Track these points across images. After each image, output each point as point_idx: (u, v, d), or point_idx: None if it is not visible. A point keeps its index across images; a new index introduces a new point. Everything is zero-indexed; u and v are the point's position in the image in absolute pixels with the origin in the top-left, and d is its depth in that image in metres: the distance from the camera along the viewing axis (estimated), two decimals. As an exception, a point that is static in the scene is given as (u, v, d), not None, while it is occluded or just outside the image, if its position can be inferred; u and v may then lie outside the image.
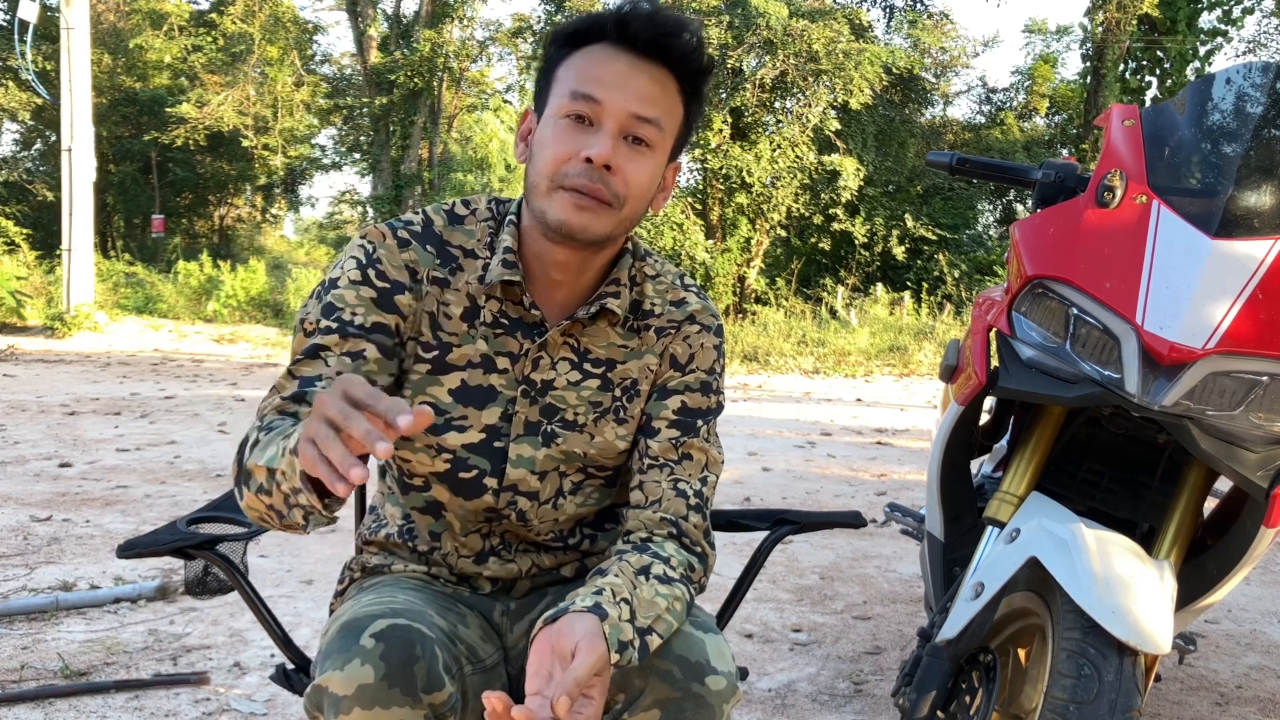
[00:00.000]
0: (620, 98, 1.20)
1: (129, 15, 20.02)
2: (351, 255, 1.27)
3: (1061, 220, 1.74)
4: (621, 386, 1.33)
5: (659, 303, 1.35)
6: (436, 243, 1.29)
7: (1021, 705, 1.75)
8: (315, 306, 1.25)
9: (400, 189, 17.13)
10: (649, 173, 1.24)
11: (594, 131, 1.20)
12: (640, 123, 1.21)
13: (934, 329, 11.93)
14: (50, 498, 4.15)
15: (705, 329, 1.36)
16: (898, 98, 15.54)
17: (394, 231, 1.28)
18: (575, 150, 1.20)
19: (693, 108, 1.28)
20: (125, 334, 11.34)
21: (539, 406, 1.30)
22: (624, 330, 1.33)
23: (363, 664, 1.07)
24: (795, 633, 2.96)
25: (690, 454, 1.32)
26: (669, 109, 1.24)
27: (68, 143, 10.84)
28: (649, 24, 1.21)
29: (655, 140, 1.23)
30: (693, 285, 1.39)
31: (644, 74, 1.22)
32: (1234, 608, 3.37)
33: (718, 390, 1.36)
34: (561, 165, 1.20)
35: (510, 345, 1.29)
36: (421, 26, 16.83)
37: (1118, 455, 1.94)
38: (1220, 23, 16.42)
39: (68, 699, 2.29)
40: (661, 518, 1.27)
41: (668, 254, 13.84)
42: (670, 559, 1.23)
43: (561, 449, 1.32)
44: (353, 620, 1.13)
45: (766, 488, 4.90)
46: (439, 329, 1.28)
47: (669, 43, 1.22)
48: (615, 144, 1.20)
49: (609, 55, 1.22)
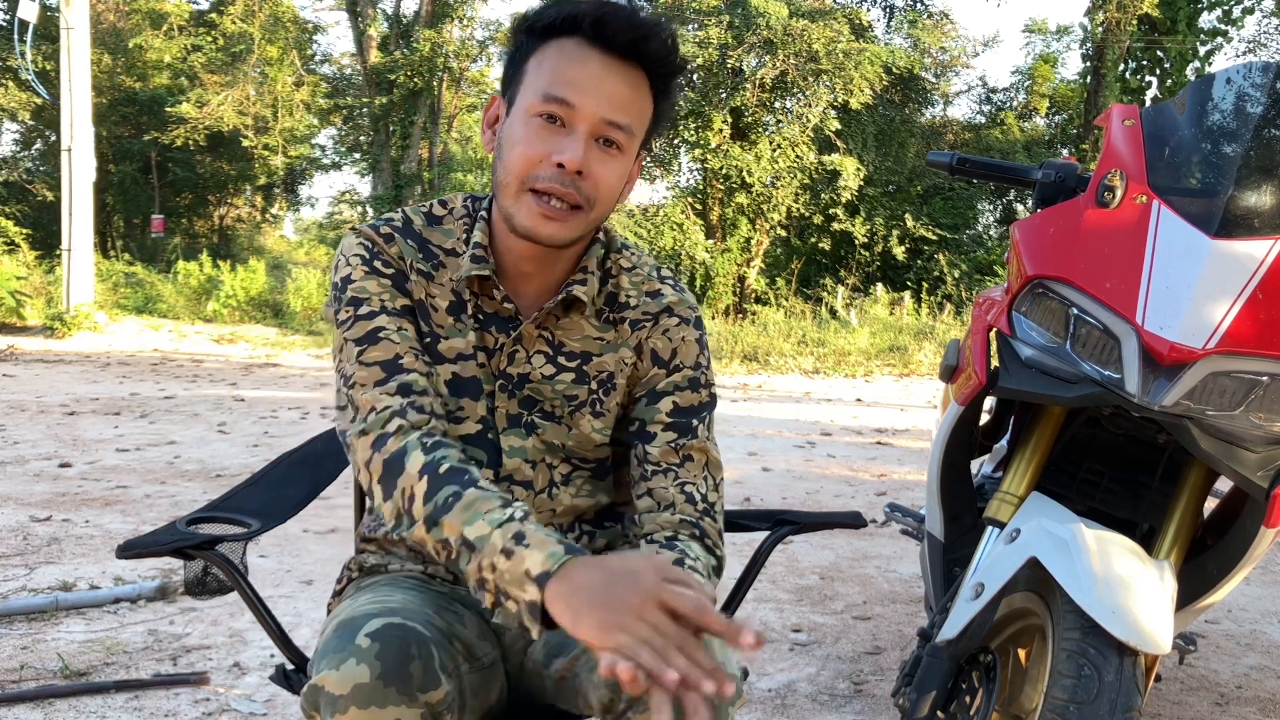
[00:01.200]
0: (594, 102, 1.19)
1: (129, 15, 20.01)
2: (355, 254, 1.28)
3: (1062, 220, 1.74)
4: (598, 380, 1.33)
5: (634, 294, 1.35)
6: (418, 240, 1.31)
7: (1021, 705, 1.75)
8: (340, 303, 1.27)
9: (400, 189, 17.13)
10: (619, 174, 1.24)
11: (566, 134, 1.20)
12: (612, 128, 1.21)
13: (934, 329, 11.93)
14: (50, 498, 4.15)
15: (683, 321, 1.35)
16: (898, 98, 15.53)
17: (377, 230, 1.30)
18: (546, 153, 1.19)
19: (663, 105, 1.27)
20: (125, 334, 11.34)
21: (517, 399, 1.32)
22: (599, 322, 1.34)
23: (358, 663, 1.07)
24: (795, 633, 2.96)
25: (691, 455, 1.31)
26: (639, 112, 1.24)
27: (68, 143, 10.84)
28: (626, 25, 1.19)
29: (626, 143, 1.23)
30: (669, 277, 1.38)
31: (618, 76, 1.21)
32: (1234, 608, 3.37)
33: (707, 384, 1.35)
34: (532, 167, 1.20)
35: (487, 340, 1.31)
36: (421, 26, 16.83)
37: (1118, 455, 1.93)
38: (1220, 23, 16.42)
39: (68, 699, 2.29)
40: (681, 519, 1.27)
41: (668, 254, 13.84)
42: (698, 560, 1.23)
43: (543, 439, 1.33)
44: (349, 620, 1.13)
45: (766, 488, 4.90)
46: (429, 319, 1.29)
47: (645, 46, 1.21)
48: (587, 148, 1.20)
49: (583, 54, 1.20)
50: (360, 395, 1.21)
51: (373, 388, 1.21)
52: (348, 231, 1.32)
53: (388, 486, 1.16)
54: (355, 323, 1.24)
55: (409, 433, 1.18)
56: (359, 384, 1.21)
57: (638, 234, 13.86)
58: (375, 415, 1.19)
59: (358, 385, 1.21)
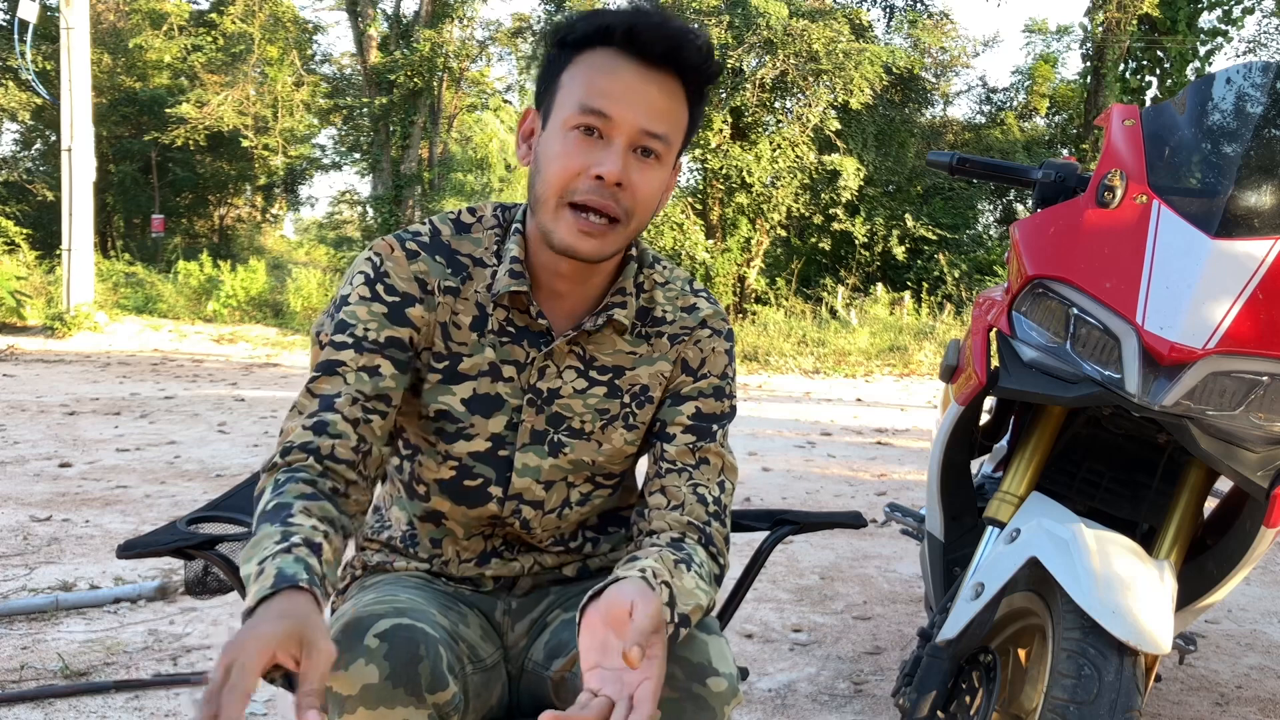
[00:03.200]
0: (631, 113, 1.18)
1: (129, 15, 20.01)
2: (360, 270, 1.27)
3: (1062, 220, 1.74)
4: (630, 393, 1.33)
5: (670, 309, 1.35)
6: (445, 252, 1.28)
7: (1021, 705, 1.75)
8: (329, 323, 1.25)
9: (400, 189, 17.12)
10: (658, 184, 1.23)
11: (604, 146, 1.19)
12: (650, 137, 1.20)
13: (934, 329, 11.93)
14: (50, 498, 4.15)
15: (716, 333, 1.36)
16: (898, 98, 15.53)
17: (402, 243, 1.27)
18: (585, 166, 1.18)
19: (696, 111, 1.27)
20: (125, 334, 11.34)
21: (545, 415, 1.30)
22: (632, 337, 1.33)
23: (367, 663, 1.07)
24: (795, 633, 2.96)
25: (707, 458, 1.31)
26: (675, 120, 1.23)
27: (68, 143, 10.84)
28: (660, 34, 1.18)
29: (664, 153, 1.22)
30: (702, 290, 1.38)
31: (654, 86, 1.20)
32: (1234, 608, 3.37)
33: (730, 395, 1.36)
34: (571, 181, 1.19)
35: (516, 354, 1.29)
36: (421, 26, 16.82)
37: (1118, 455, 1.94)
38: (1220, 23, 16.41)
39: (68, 699, 2.29)
40: (689, 522, 1.27)
41: (667, 254, 13.83)
42: (702, 565, 1.23)
43: (569, 458, 1.32)
44: (356, 620, 1.13)
45: (766, 488, 4.90)
46: (449, 339, 1.27)
47: (680, 53, 1.20)
48: (626, 159, 1.19)
49: (617, 64, 1.19)
50: (288, 421, 1.20)
51: (299, 416, 1.19)
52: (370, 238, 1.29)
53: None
54: (326, 348, 1.23)
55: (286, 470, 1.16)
56: (296, 410, 1.20)
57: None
58: (281, 444, 1.18)
59: (294, 411, 1.20)
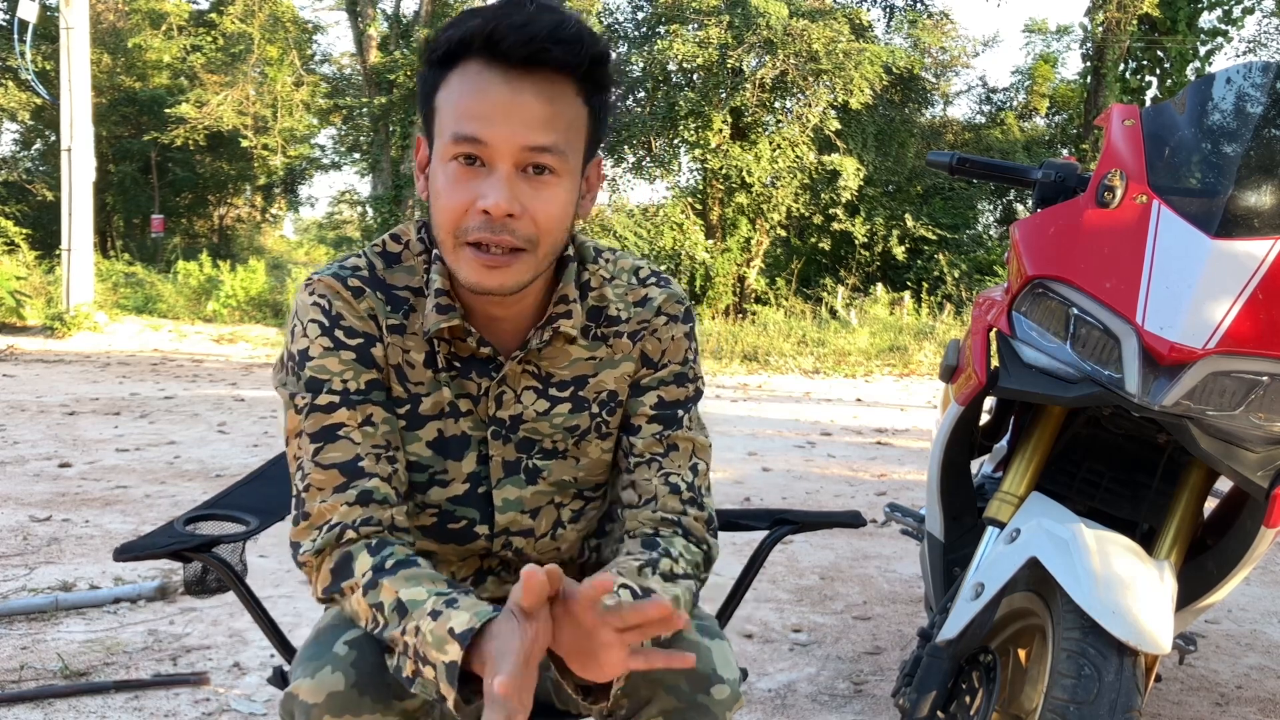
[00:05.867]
0: (507, 132, 1.06)
1: (129, 15, 20.01)
2: (311, 320, 1.17)
3: (1062, 220, 1.74)
4: (598, 401, 1.26)
5: (622, 307, 1.25)
6: (384, 289, 1.19)
7: (1021, 705, 1.75)
8: (295, 382, 1.17)
9: (400, 189, 17.11)
10: (560, 201, 1.11)
11: (486, 174, 1.07)
12: (537, 153, 1.07)
13: (934, 329, 11.92)
14: (50, 498, 4.15)
15: (673, 319, 1.27)
16: (898, 98, 15.53)
17: (344, 282, 1.17)
18: (470, 200, 1.07)
19: (598, 100, 1.13)
20: (125, 334, 11.33)
21: (513, 443, 1.24)
22: (588, 341, 1.24)
23: (334, 671, 1.06)
24: (795, 633, 2.96)
25: (676, 444, 1.26)
26: (568, 123, 1.10)
27: (67, 143, 10.83)
28: (521, 35, 1.05)
29: (559, 165, 1.09)
30: (651, 276, 1.28)
31: (528, 94, 1.06)
32: (1234, 608, 3.37)
33: (694, 378, 1.29)
34: (460, 219, 1.08)
35: (469, 387, 1.21)
36: (421, 26, 16.81)
37: (1118, 455, 1.93)
38: (1220, 23, 16.41)
39: (68, 699, 2.29)
40: (662, 518, 1.23)
41: (668, 254, 13.83)
42: (680, 557, 1.19)
43: (549, 481, 1.26)
44: (328, 627, 1.13)
45: (766, 488, 4.89)
46: (405, 380, 1.20)
47: (548, 53, 1.06)
48: (512, 185, 1.07)
49: (484, 78, 1.06)
50: (314, 503, 1.12)
51: (331, 494, 1.12)
52: (302, 285, 1.19)
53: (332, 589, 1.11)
54: (312, 413, 1.15)
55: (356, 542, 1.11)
56: (314, 488, 1.13)
57: (638, 234, 13.87)
58: (329, 532, 1.11)
59: (313, 490, 1.13)
